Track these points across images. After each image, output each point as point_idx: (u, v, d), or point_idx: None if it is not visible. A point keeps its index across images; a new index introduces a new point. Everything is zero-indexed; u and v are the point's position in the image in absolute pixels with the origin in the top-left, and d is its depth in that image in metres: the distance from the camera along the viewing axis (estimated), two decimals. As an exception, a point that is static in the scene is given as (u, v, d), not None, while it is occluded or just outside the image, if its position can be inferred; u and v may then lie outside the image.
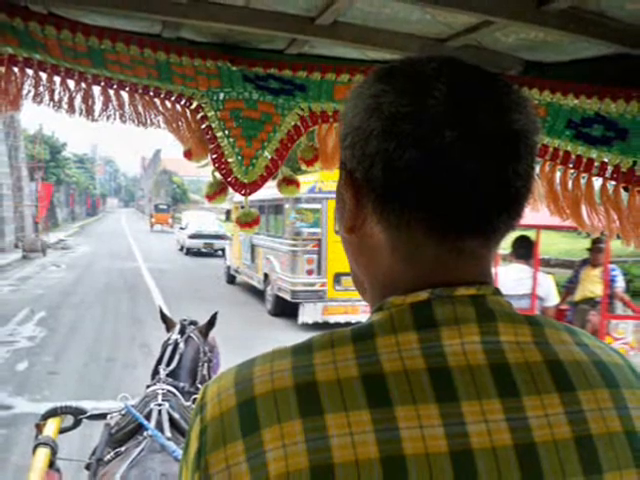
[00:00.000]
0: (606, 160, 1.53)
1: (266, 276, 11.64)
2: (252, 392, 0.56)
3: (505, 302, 0.61)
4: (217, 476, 0.54)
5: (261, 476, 0.51)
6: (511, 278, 5.14)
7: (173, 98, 1.57)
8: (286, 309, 10.52)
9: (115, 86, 1.52)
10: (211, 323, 2.85)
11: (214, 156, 1.61)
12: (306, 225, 10.17)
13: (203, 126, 1.60)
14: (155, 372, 2.59)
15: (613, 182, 1.53)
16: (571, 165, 1.57)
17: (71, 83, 1.49)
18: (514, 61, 1.67)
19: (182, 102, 1.58)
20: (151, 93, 1.55)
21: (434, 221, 0.58)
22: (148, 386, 2.51)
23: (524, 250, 5.35)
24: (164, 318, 2.94)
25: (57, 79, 1.47)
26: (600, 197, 1.56)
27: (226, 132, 1.60)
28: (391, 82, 0.60)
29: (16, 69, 1.43)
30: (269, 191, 3.96)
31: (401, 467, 0.51)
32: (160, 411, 2.26)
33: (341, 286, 9.82)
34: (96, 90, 1.52)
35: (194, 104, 1.59)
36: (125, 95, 1.54)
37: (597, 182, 1.57)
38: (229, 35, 1.58)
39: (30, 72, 1.45)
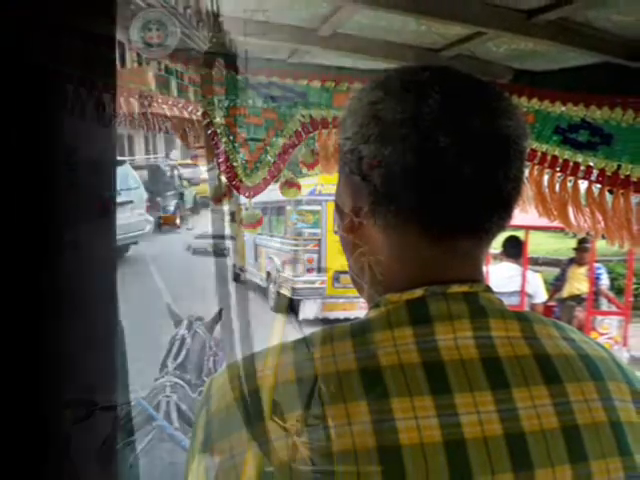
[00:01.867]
0: (592, 164, 1.53)
1: (269, 274, 11.63)
2: (256, 385, 0.56)
3: (496, 299, 0.61)
4: (222, 465, 0.54)
5: (264, 464, 0.51)
6: (502, 276, 5.13)
7: (180, 105, 1.58)
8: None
9: (125, 94, 1.52)
10: (217, 319, 2.85)
11: (219, 160, 1.61)
12: (307, 226, 10.16)
13: (209, 132, 1.60)
14: (163, 365, 2.59)
15: (598, 185, 1.53)
16: (558, 169, 1.57)
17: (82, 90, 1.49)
18: (505, 70, 1.67)
19: (189, 109, 1.59)
20: (159, 100, 1.55)
21: (429, 223, 0.58)
22: (157, 379, 2.51)
23: (514, 249, 5.34)
24: (172, 314, 2.94)
25: (70, 87, 1.47)
26: (586, 199, 1.55)
27: (231, 137, 1.60)
28: (388, 90, 0.60)
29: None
30: (272, 193, 3.95)
31: (397, 457, 0.50)
32: (168, 403, 2.26)
33: (340, 284, 9.80)
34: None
35: (200, 111, 1.59)
36: (134, 102, 1.54)
37: (583, 185, 1.57)
38: (234, 45, 1.58)
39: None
